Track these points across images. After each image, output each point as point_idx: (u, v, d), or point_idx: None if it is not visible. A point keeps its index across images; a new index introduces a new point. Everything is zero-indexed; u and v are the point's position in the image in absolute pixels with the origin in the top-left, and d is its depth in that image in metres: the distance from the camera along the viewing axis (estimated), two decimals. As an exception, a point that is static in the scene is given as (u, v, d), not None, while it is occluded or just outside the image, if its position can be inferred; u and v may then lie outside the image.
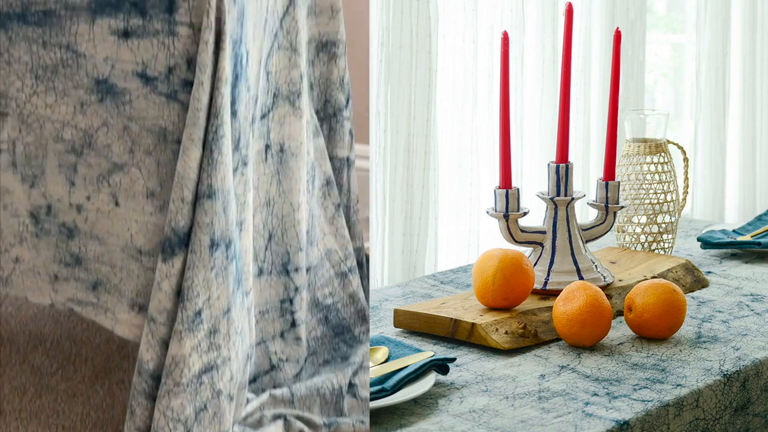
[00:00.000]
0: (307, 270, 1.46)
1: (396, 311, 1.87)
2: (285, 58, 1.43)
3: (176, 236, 1.27)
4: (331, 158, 1.50)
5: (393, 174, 2.33)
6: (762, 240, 2.27)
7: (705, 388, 1.65)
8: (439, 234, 2.44)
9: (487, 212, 1.96)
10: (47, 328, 1.52)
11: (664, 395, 1.61)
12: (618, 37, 2.00)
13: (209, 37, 1.25)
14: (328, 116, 1.49)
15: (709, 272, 2.18)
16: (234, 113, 1.29)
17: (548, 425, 1.52)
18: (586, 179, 2.76)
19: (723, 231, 2.35)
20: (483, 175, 2.52)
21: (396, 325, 1.87)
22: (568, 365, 1.72)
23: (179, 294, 1.27)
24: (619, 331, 1.86)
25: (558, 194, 1.97)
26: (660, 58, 4.20)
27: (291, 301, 1.43)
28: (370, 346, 1.69)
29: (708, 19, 3.07)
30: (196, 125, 1.26)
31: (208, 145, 1.26)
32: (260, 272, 1.40)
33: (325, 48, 1.48)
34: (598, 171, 2.78)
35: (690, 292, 2.06)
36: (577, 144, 2.73)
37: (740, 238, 2.30)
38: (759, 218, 2.45)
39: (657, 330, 1.81)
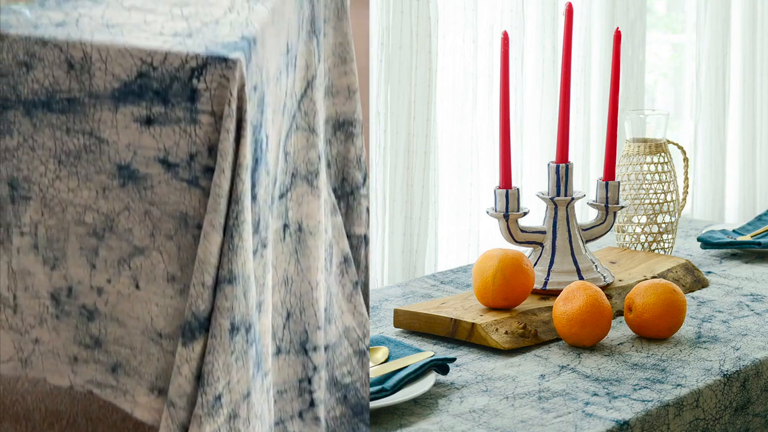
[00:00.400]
0: (326, 348, 1.47)
1: (396, 311, 1.87)
2: (303, 139, 1.46)
3: (196, 320, 1.29)
4: (349, 236, 1.53)
5: (393, 174, 2.33)
6: (762, 240, 2.27)
7: (705, 388, 1.65)
8: (439, 234, 2.44)
9: (487, 212, 1.96)
10: (63, 405, 1.52)
11: (664, 395, 1.61)
12: (618, 37, 2.00)
13: (230, 125, 1.27)
14: (345, 194, 1.51)
15: (709, 272, 2.18)
16: (254, 197, 1.32)
17: (548, 425, 1.52)
18: (586, 179, 2.76)
19: (723, 231, 2.35)
20: (483, 175, 2.52)
21: (396, 325, 1.87)
22: (568, 365, 1.72)
23: (199, 378, 1.29)
24: (619, 331, 1.86)
25: (558, 194, 1.97)
26: (660, 58, 4.20)
27: (309, 381, 1.44)
28: (370, 346, 1.69)
29: (708, 19, 3.07)
30: (217, 211, 1.28)
31: (229, 230, 1.29)
32: (278, 351, 1.42)
33: (342, 127, 1.51)
34: (598, 171, 2.78)
35: (690, 292, 2.06)
36: (577, 144, 2.73)
37: (740, 238, 2.30)
38: (759, 218, 2.45)
39: (657, 330, 1.81)
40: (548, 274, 1.95)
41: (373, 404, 1.53)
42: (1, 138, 1.32)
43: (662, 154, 2.22)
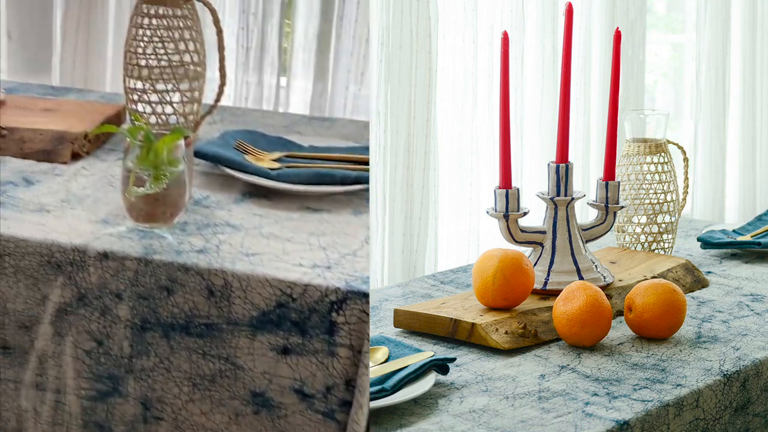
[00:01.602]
0: None
1: (396, 311, 1.87)
2: None
3: None
4: None
5: (393, 174, 2.33)
6: (762, 240, 2.27)
7: (705, 388, 1.65)
8: (439, 234, 2.44)
9: (487, 212, 1.96)
10: None
11: (664, 395, 1.61)
12: (618, 37, 2.00)
13: (369, 361, 1.28)
14: None
15: (709, 272, 2.18)
16: None
17: (548, 425, 1.52)
18: (586, 179, 2.76)
19: (723, 231, 2.35)
20: (483, 175, 2.52)
21: (396, 325, 1.87)
22: (568, 365, 1.72)
23: None
24: (619, 331, 1.86)
25: (558, 194, 1.97)
26: (660, 58, 4.20)
27: None
28: (370, 346, 1.69)
29: (708, 19, 3.07)
30: None
31: None
32: None
33: None
34: (598, 171, 2.78)
35: (690, 292, 2.06)
36: (577, 144, 2.73)
37: (740, 238, 2.30)
38: (759, 218, 2.45)
39: (657, 330, 1.81)
40: (548, 274, 1.95)
41: (373, 404, 1.53)
42: (138, 358, 1.33)
43: (662, 154, 2.22)
